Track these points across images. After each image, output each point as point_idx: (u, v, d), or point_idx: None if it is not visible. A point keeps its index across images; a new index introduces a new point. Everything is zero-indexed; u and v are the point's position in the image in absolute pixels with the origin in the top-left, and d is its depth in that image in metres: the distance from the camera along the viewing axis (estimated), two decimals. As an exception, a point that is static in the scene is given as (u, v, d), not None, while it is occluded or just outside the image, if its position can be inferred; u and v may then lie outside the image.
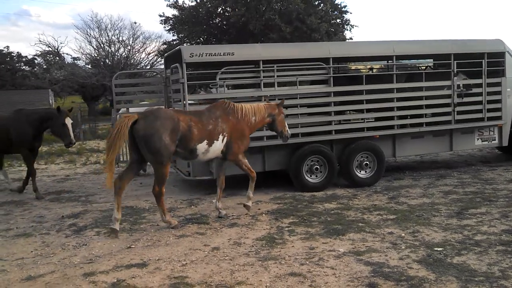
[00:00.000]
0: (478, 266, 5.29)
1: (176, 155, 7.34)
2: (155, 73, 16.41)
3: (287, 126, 8.30)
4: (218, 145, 7.41)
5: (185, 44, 28.65)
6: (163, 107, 9.86)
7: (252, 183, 7.84)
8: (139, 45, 34.31)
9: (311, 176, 9.51)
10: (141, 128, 6.81)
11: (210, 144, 7.30)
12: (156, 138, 6.77)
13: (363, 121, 10.17)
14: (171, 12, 30.73)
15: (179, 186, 10.55)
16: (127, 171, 7.17)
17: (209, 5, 29.01)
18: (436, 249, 5.87)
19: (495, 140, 11.17)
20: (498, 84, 10.91)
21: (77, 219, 8.01)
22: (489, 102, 10.80)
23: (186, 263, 5.74)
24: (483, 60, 10.70)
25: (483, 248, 5.85)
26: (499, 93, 10.90)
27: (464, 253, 5.71)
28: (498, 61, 10.92)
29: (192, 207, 8.53)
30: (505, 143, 11.22)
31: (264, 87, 9.41)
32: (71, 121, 9.78)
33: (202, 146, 7.24)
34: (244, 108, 7.74)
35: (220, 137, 7.40)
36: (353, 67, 16.07)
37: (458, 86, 10.51)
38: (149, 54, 34.67)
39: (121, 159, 11.01)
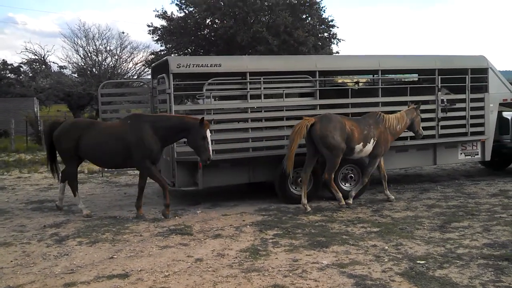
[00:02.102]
0: (459, 279, 5.33)
1: None
2: (142, 83, 16.34)
3: (421, 126, 9.75)
4: (369, 147, 9.01)
5: (172, 55, 28.67)
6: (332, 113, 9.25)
7: (385, 182, 9.56)
8: (127, 55, 34.18)
9: (296, 188, 9.52)
10: (317, 129, 8.49)
11: (364, 145, 8.93)
12: (330, 137, 8.43)
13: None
14: (159, 23, 30.66)
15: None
16: (308, 164, 8.86)
17: (198, 17, 29.11)
18: (418, 262, 5.90)
19: (478, 154, 11.31)
20: (481, 99, 11.09)
21: (59, 228, 7.91)
22: (472, 117, 10.96)
23: (168, 274, 5.69)
24: (467, 76, 10.86)
25: (465, 261, 5.90)
26: (482, 108, 11.07)
27: (446, 266, 5.75)
28: (481, 77, 11.11)
29: (176, 217, 8.47)
30: (488, 157, 11.37)
31: (250, 99, 9.44)
32: (210, 134, 8.47)
33: (358, 147, 8.88)
34: (390, 119, 9.24)
35: (372, 141, 8.97)
36: (339, 81, 16.20)
37: (442, 101, 10.66)
38: (136, 64, 34.53)
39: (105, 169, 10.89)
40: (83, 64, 33.58)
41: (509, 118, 11.61)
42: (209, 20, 29.49)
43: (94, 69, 33.04)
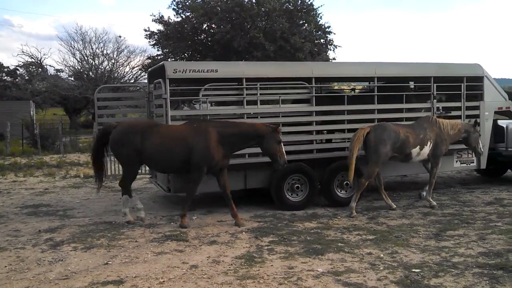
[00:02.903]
0: (454, 288, 5.33)
1: (393, 159, 9.37)
2: (138, 88, 16.36)
3: (481, 144, 10.11)
4: (427, 150, 9.42)
5: (169, 59, 28.71)
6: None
7: (431, 186, 9.81)
8: (123, 59, 34.28)
9: (292, 194, 9.52)
10: (372, 137, 8.92)
11: (421, 148, 9.33)
12: (382, 145, 8.87)
13: (344, 141, 10.26)
14: (156, 27, 30.72)
15: (159, 202, 10.47)
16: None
17: (195, 21, 29.23)
18: (413, 270, 5.90)
19: (473, 162, 11.34)
20: (477, 107, 11.12)
21: (54, 233, 7.87)
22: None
23: (163, 281, 5.67)
24: (462, 84, 10.91)
25: (460, 270, 5.90)
26: (477, 116, 11.10)
27: (441, 275, 5.75)
28: (477, 85, 11.15)
29: (172, 223, 8.45)
30: (483, 165, 11.39)
31: (246, 105, 9.45)
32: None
33: (415, 151, 9.29)
34: (444, 122, 9.67)
35: (428, 143, 9.39)
36: (336, 87, 16.25)
37: (438, 108, 10.70)
38: (133, 68, 34.66)
39: (107, 174, 10.87)
40: (79, 67, 33.66)
41: (504, 126, 11.66)
42: (206, 25, 29.63)
43: (90, 73, 33.10)
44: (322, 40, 31.53)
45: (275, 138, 8.21)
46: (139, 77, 33.81)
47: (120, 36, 57.34)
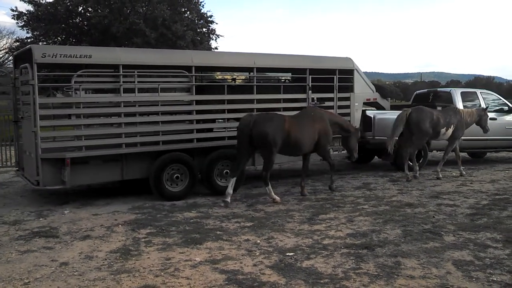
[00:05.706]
0: (324, 269, 5.62)
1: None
2: (3, 73, 14.97)
3: (488, 124, 12.34)
4: (450, 132, 11.56)
5: (40, 43, 26.69)
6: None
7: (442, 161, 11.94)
8: (-13, 41, 31.15)
9: (171, 184, 9.38)
10: (414, 117, 11.20)
11: (447, 129, 11.49)
12: (422, 123, 11.12)
13: (224, 130, 10.33)
14: (25, 7, 28.26)
15: (28, 196, 9.70)
16: (406, 142, 11.45)
17: (69, 3, 27.39)
18: (288, 254, 6.13)
19: (344, 150, 12.06)
20: (348, 98, 11.85)
21: None
22: (340, 115, 11.65)
23: (29, 281, 5.26)
24: (335, 76, 11.54)
25: (330, 251, 6.24)
26: (348, 107, 11.84)
27: (312, 257, 6.04)
28: (348, 77, 11.87)
29: (41, 219, 7.87)
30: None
31: (124, 93, 9.10)
32: None
33: (443, 131, 11.47)
34: (464, 112, 11.90)
35: (452, 126, 11.54)
36: (219, 77, 16.29)
37: (313, 99, 11.21)
38: (-1, 50, 31.65)
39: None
40: None
41: (371, 116, 12.57)
42: (81, 7, 27.92)
43: None
44: (204, 29, 31.42)
45: (357, 137, 10.35)
46: (6, 61, 31.01)
47: (-17, 16, 51.99)
